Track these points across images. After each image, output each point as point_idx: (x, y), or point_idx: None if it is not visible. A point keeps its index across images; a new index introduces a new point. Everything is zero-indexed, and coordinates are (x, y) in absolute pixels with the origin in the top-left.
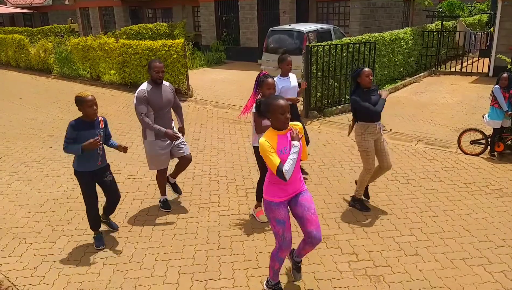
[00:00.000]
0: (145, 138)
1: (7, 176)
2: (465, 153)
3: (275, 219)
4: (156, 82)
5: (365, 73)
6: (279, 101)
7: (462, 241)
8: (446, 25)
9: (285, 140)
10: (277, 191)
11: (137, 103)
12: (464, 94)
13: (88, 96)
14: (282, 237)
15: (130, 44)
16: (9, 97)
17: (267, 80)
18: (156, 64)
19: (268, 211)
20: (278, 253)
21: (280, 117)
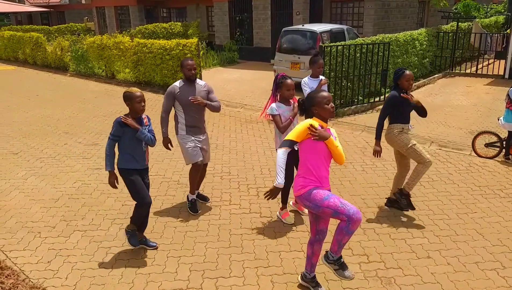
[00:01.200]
0: (177, 133)
1: (23, 171)
2: (479, 156)
3: (323, 198)
4: (189, 79)
5: (405, 77)
6: (322, 93)
7: (475, 245)
8: (461, 26)
9: (327, 129)
10: (311, 182)
11: (164, 97)
12: (479, 96)
13: (137, 92)
14: (343, 205)
15: (144, 43)
16: (26, 94)
17: (286, 81)
18: (188, 62)
19: (313, 199)
20: (349, 226)
21: (327, 107)
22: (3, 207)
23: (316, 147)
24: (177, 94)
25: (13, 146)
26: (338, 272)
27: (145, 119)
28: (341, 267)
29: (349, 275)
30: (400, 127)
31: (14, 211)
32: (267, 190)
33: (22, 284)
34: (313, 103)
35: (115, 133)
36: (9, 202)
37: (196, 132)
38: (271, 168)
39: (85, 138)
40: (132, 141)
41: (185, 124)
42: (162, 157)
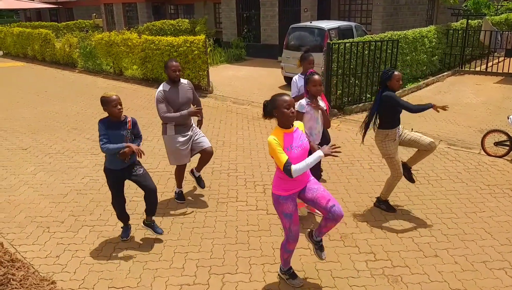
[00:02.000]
0: (165, 133)
1: (32, 166)
2: (489, 155)
3: (283, 212)
4: (173, 81)
5: (396, 77)
6: (283, 96)
7: (483, 244)
8: (471, 23)
9: (291, 138)
10: (286, 185)
11: (157, 104)
12: (489, 94)
13: (112, 96)
14: (289, 230)
15: (152, 40)
16: (35, 90)
17: (313, 76)
18: (172, 63)
19: (276, 204)
20: (286, 245)
21: (286, 112)
22: (12, 202)
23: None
24: (167, 97)
25: (22, 142)
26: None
27: (129, 123)
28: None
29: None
30: (385, 133)
31: (23, 206)
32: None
33: (32, 276)
34: (274, 105)
35: (102, 132)
36: (19, 197)
37: (183, 130)
38: None
39: (93, 134)
40: (114, 140)
41: (174, 124)
42: None
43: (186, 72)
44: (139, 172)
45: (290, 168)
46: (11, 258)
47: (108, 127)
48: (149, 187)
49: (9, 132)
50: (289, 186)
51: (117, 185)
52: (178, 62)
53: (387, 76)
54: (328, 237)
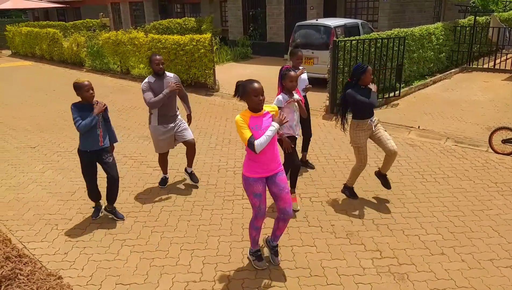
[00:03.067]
0: (150, 123)
1: (40, 165)
2: (496, 152)
3: (253, 193)
4: (157, 74)
5: (370, 71)
6: (254, 84)
7: (490, 242)
8: (479, 20)
9: (257, 120)
10: (256, 168)
11: (143, 93)
12: (497, 91)
13: (85, 82)
14: (258, 208)
15: (159, 38)
16: (43, 89)
17: (289, 73)
18: (156, 57)
19: (246, 185)
20: (254, 222)
21: (254, 99)
22: (21, 199)
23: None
24: (152, 87)
25: (31, 140)
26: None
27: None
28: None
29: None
30: (355, 123)
31: (32, 203)
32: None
33: (39, 271)
34: (244, 91)
35: (75, 115)
36: (27, 195)
37: (167, 121)
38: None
39: None
40: None
41: (158, 114)
42: (176, 151)
43: (192, 70)
44: (109, 160)
45: (253, 142)
46: (19, 253)
47: (81, 110)
48: (114, 176)
49: (17, 130)
50: (259, 170)
51: (89, 165)
52: (161, 56)
53: (362, 70)
54: (334, 234)
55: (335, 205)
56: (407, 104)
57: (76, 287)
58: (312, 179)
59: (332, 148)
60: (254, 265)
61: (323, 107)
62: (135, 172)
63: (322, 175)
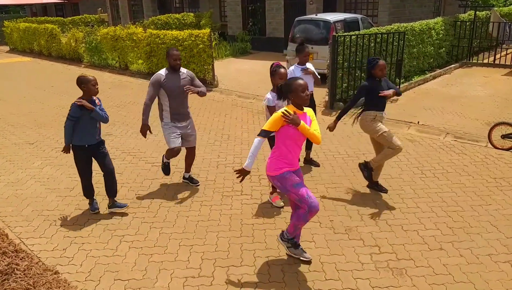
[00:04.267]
0: (162, 120)
1: (39, 161)
2: (496, 148)
3: (293, 184)
4: (174, 68)
5: (379, 66)
6: (299, 80)
7: (488, 237)
8: (479, 15)
9: (302, 118)
10: (284, 164)
11: (149, 85)
12: (497, 87)
13: (90, 76)
14: (308, 196)
15: (157, 34)
16: (42, 85)
17: (279, 70)
18: (174, 52)
19: (284, 182)
20: (308, 215)
21: (301, 95)
22: (19, 195)
23: (289, 133)
24: (163, 82)
25: (29, 136)
26: (290, 249)
27: (96, 100)
28: (293, 245)
29: (300, 253)
30: (374, 115)
31: (30, 199)
32: (238, 169)
33: (36, 266)
34: (289, 90)
35: (73, 114)
36: (26, 191)
37: (179, 118)
38: None
39: None
40: (87, 120)
41: (170, 112)
42: None
43: (191, 66)
44: (104, 151)
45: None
46: (15, 248)
47: (82, 108)
48: (111, 168)
49: (16, 126)
50: (289, 162)
51: (86, 160)
52: (178, 51)
53: (371, 65)
54: (332, 230)
55: (334, 201)
56: (407, 100)
57: (75, 282)
58: (311, 175)
59: (331, 144)
60: (290, 252)
61: (322, 103)
62: (133, 168)
63: (321, 171)
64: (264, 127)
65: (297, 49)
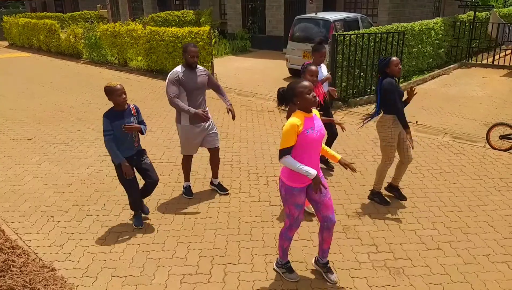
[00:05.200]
0: (179, 122)
1: (37, 156)
2: (494, 148)
3: (295, 203)
4: (190, 66)
5: (393, 63)
6: (303, 82)
7: (486, 237)
8: (479, 16)
9: (310, 122)
10: (300, 177)
11: (168, 84)
12: (495, 87)
13: (116, 86)
14: (296, 219)
15: (157, 31)
16: (40, 80)
17: (310, 67)
18: (191, 48)
19: (289, 195)
20: (288, 232)
21: (308, 97)
22: (17, 191)
23: (306, 139)
24: (181, 79)
25: (27, 132)
26: (285, 275)
27: (132, 110)
28: (287, 270)
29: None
30: (393, 118)
31: (28, 195)
32: (316, 188)
33: (32, 263)
34: (294, 93)
35: (106, 128)
36: (23, 186)
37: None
38: None
39: (97, 125)
40: (120, 133)
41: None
42: (173, 144)
43: None
44: (147, 161)
45: (286, 156)
46: (12, 245)
47: (113, 119)
48: (155, 179)
49: (14, 122)
50: (304, 178)
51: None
52: (196, 47)
53: (384, 63)
54: None
55: (332, 200)
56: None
57: (72, 279)
58: None
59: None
60: (286, 278)
61: None
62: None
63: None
64: (282, 146)
65: (314, 48)
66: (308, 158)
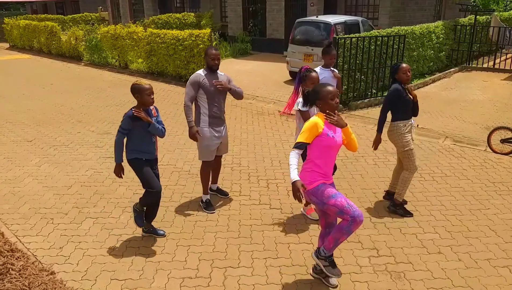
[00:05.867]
0: (198, 125)
1: (37, 158)
2: (495, 152)
3: (331, 196)
4: (211, 69)
5: (402, 70)
6: (328, 87)
7: (487, 241)
8: (479, 19)
9: (331, 126)
10: (318, 176)
11: (188, 86)
12: (496, 91)
13: (146, 85)
14: (349, 206)
15: (158, 33)
16: (41, 82)
17: (311, 74)
18: (212, 51)
19: (320, 195)
20: (351, 226)
21: (331, 102)
22: (17, 193)
23: (324, 143)
24: (202, 82)
25: (28, 134)
26: (327, 268)
27: (153, 110)
28: (331, 264)
29: (338, 273)
30: (403, 124)
31: (28, 197)
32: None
33: (32, 266)
34: (318, 97)
35: (125, 126)
36: (23, 188)
37: (217, 123)
38: (281, 160)
39: (98, 127)
40: (142, 133)
41: (208, 115)
42: (174, 147)
43: (191, 66)
44: (157, 172)
45: (297, 151)
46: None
47: (135, 119)
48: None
49: (14, 124)
50: (321, 177)
51: (147, 170)
52: (218, 50)
53: (394, 68)
54: None
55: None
56: None
57: (71, 282)
58: None
59: None
60: (327, 271)
61: None
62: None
63: None
64: (299, 139)
65: (324, 50)
66: (324, 163)
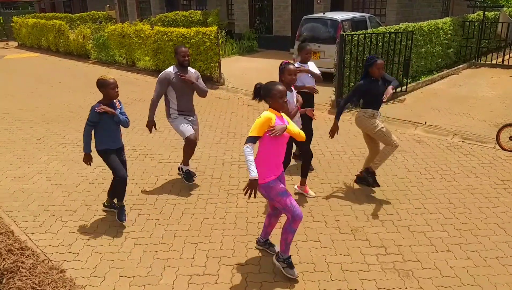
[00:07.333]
0: (169, 116)
1: (45, 156)
2: (504, 149)
3: (278, 193)
4: (182, 65)
5: (377, 65)
6: (278, 86)
7: (496, 240)
8: (488, 15)
9: (281, 120)
10: (271, 170)
11: (157, 82)
12: (505, 87)
13: (110, 79)
14: (291, 206)
15: (164, 31)
16: (49, 81)
17: (288, 66)
18: (182, 49)
19: (269, 191)
20: (292, 224)
21: (279, 101)
22: (26, 190)
23: (275, 138)
24: (172, 80)
25: (36, 132)
26: (285, 269)
27: (116, 103)
28: (289, 265)
29: (294, 273)
30: (371, 112)
31: (37, 195)
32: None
33: (42, 264)
34: (268, 94)
35: (92, 119)
36: (32, 186)
37: (187, 115)
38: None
39: None
40: (108, 124)
41: (176, 109)
42: (181, 145)
43: (197, 63)
44: (124, 158)
45: (249, 146)
46: (21, 246)
47: (102, 112)
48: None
49: (23, 122)
50: (274, 171)
51: (115, 158)
52: (187, 48)
53: (368, 62)
54: (338, 230)
55: (340, 201)
56: (414, 100)
57: (80, 279)
58: (317, 174)
59: (337, 143)
60: (286, 273)
61: (329, 102)
62: (139, 164)
63: (327, 170)
64: (251, 133)
65: (299, 46)
66: (275, 155)
